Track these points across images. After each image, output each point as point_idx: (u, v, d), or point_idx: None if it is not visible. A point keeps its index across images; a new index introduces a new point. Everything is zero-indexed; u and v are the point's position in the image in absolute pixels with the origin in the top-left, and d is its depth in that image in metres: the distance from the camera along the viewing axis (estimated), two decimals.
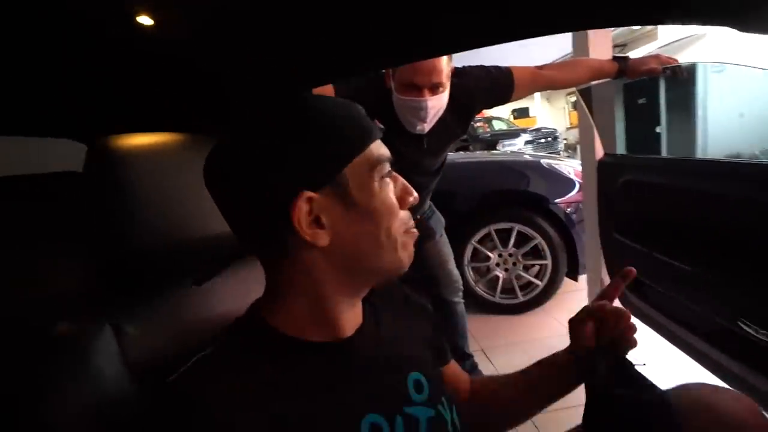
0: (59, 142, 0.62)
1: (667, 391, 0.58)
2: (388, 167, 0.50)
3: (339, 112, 0.49)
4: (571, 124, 14.18)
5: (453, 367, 0.70)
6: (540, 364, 0.67)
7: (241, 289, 0.55)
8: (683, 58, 1.51)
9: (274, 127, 0.47)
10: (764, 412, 0.54)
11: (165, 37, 0.45)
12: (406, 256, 0.51)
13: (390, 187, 0.50)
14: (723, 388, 0.59)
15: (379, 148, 0.50)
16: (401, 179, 0.53)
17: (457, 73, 1.27)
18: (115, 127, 0.55)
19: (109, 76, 0.51)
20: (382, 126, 0.52)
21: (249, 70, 0.57)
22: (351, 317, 0.52)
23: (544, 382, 0.66)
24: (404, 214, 0.51)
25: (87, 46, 0.45)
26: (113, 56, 0.47)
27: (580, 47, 1.67)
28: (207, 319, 0.54)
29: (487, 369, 1.83)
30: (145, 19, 0.40)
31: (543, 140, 10.14)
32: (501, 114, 13.01)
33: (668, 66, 1.27)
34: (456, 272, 1.62)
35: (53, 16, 0.39)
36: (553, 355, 0.66)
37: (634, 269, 0.63)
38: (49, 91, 0.53)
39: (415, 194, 0.53)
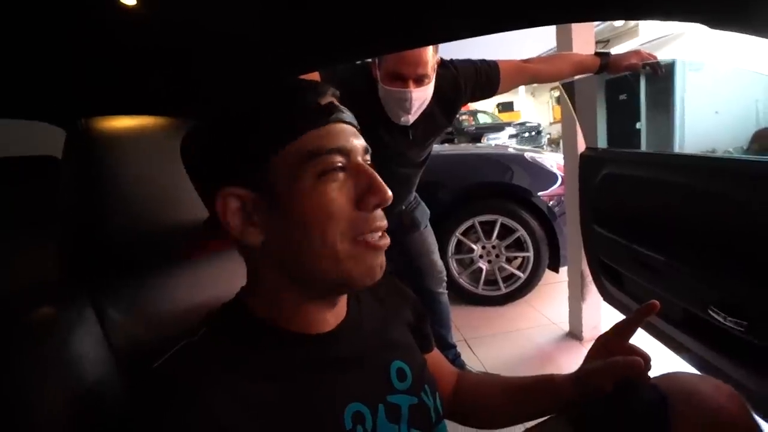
0: (40, 126, 0.61)
1: (654, 378, 0.58)
2: (335, 161, 0.43)
3: (276, 97, 0.44)
4: (554, 118, 14.35)
5: (437, 357, 0.70)
6: (539, 382, 0.65)
7: (226, 274, 0.55)
8: (663, 55, 1.55)
9: (218, 115, 0.46)
10: (744, 401, 0.55)
11: (146, 19, 0.44)
12: (357, 270, 0.45)
13: (333, 186, 0.43)
14: (705, 376, 0.60)
15: (322, 138, 0.43)
16: (369, 175, 0.45)
17: (444, 65, 1.27)
18: (95, 110, 0.54)
19: (88, 58, 0.50)
20: (351, 111, 0.48)
21: (233, 55, 0.56)
22: (330, 314, 0.50)
23: (538, 401, 0.64)
24: (358, 218, 0.44)
25: (66, 28, 0.44)
26: (93, 38, 0.46)
27: (564, 42, 1.70)
28: (191, 305, 0.54)
29: (469, 359, 1.86)
30: (132, 2, 0.39)
31: (527, 134, 10.26)
32: (486, 107, 13.10)
33: (648, 62, 1.30)
34: (440, 263, 1.64)
35: None
36: (552, 378, 0.63)
37: (657, 303, 0.60)
38: (26, 73, 0.52)
39: (386, 194, 0.45)
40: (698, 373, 0.79)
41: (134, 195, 0.52)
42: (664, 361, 1.25)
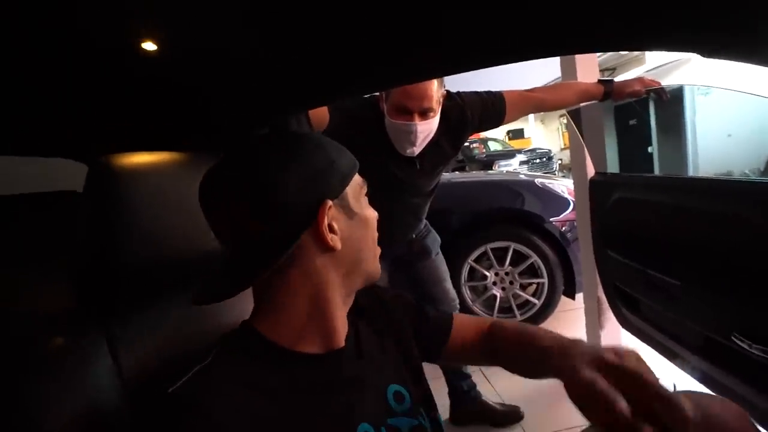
0: (61, 162, 0.64)
1: None
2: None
3: (333, 141, 0.56)
4: (565, 144, 14.38)
5: (458, 321, 0.70)
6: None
7: (232, 303, 0.56)
8: (670, 81, 1.57)
9: (298, 146, 0.51)
10: (753, 420, 0.55)
11: (164, 60, 0.47)
12: (378, 265, 0.58)
13: (368, 204, 0.57)
14: (714, 395, 0.61)
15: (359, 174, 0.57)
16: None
17: (451, 97, 1.31)
18: (115, 146, 0.57)
19: (109, 96, 0.53)
20: (358, 143, 0.62)
21: (245, 93, 0.60)
22: (343, 326, 0.54)
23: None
24: None
25: (88, 68, 0.47)
26: (113, 78, 0.50)
27: (568, 71, 1.73)
28: (201, 333, 0.55)
29: (486, 391, 1.80)
30: (148, 45, 0.43)
31: (538, 160, 10.27)
32: (496, 135, 13.21)
33: (651, 88, 1.32)
34: (452, 291, 1.62)
35: (55, 38, 0.41)
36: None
37: None
38: (50, 111, 0.55)
39: (375, 212, 0.59)
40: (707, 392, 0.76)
41: (149, 227, 0.55)
42: (670, 378, 1.20)
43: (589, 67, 1.66)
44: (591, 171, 1.70)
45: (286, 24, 0.43)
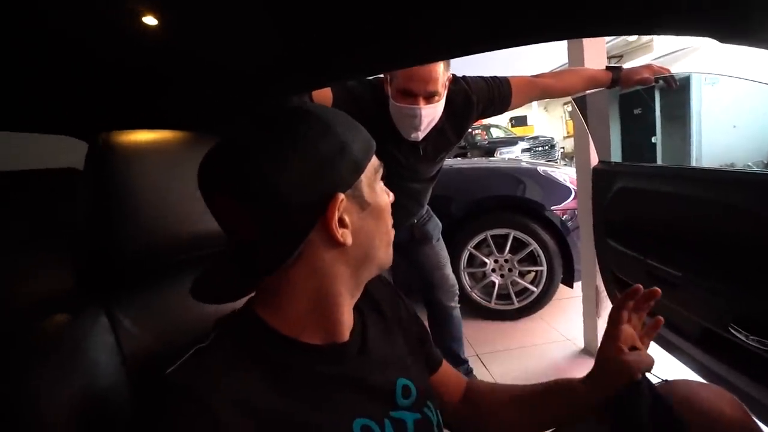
0: (63, 140, 0.63)
1: (667, 397, 0.58)
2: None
3: (347, 118, 0.50)
4: (568, 132, 14.27)
5: (444, 368, 0.70)
6: (551, 386, 0.64)
7: None
8: (677, 69, 1.54)
9: (301, 131, 0.44)
10: (747, 409, 0.56)
11: (168, 36, 0.46)
12: (391, 251, 0.54)
13: (383, 187, 0.52)
14: (707, 384, 0.62)
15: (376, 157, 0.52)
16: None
17: (456, 82, 1.28)
18: (116, 123, 0.56)
19: (111, 73, 0.52)
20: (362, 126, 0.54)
21: (246, 71, 0.58)
22: (349, 319, 0.52)
23: (552, 405, 0.63)
24: None
25: (90, 44, 0.46)
26: (116, 54, 0.48)
27: (575, 57, 1.70)
28: (202, 314, 0.55)
29: (482, 374, 1.83)
30: (149, 19, 0.41)
31: (540, 148, 10.22)
32: (499, 122, 13.11)
33: (660, 76, 1.30)
34: (452, 277, 1.63)
35: (57, 13, 0.40)
36: (568, 381, 0.63)
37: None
38: (51, 87, 0.54)
39: (391, 194, 0.54)
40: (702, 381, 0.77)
41: (149, 206, 0.54)
42: (666, 368, 1.22)
43: (596, 53, 1.63)
44: (594, 159, 1.69)
45: None
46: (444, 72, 1.16)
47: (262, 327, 0.47)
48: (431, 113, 1.19)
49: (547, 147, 10.38)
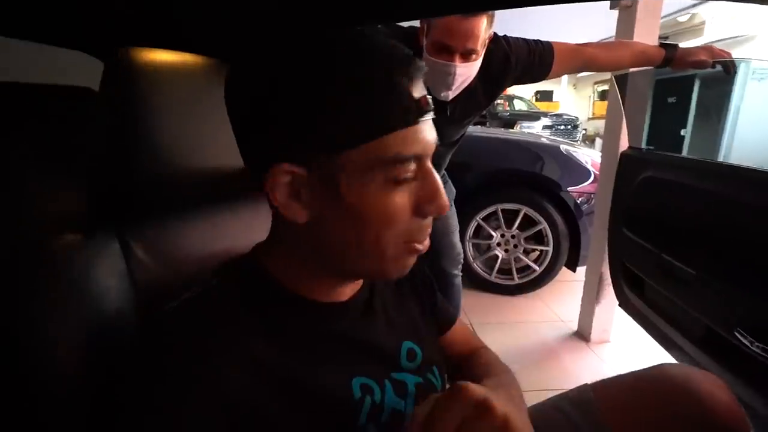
0: (81, 57, 0.59)
1: (646, 369, 0.65)
2: (411, 169, 0.40)
3: (362, 74, 0.38)
4: (594, 114, 13.79)
5: (459, 331, 0.69)
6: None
7: (248, 226, 0.54)
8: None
9: (276, 74, 0.38)
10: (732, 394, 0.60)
11: None
12: (394, 268, 0.44)
13: (401, 193, 0.41)
14: (693, 367, 0.66)
15: (405, 141, 0.39)
16: (435, 184, 0.42)
17: (495, 41, 1.20)
18: (134, 40, 0.52)
19: None
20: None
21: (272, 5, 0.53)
22: (346, 287, 0.50)
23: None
24: (413, 225, 0.42)
25: None
26: None
27: (625, 30, 1.59)
28: (212, 251, 0.54)
29: None
30: None
31: (562, 127, 9.90)
32: (524, 94, 12.64)
33: (720, 60, 1.19)
34: (459, 245, 1.61)
35: None
36: None
37: None
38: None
39: (446, 206, 0.42)
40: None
41: (168, 132, 0.51)
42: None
43: (648, 28, 1.51)
44: (623, 144, 1.62)
45: None
46: (486, 29, 1.07)
47: (265, 277, 0.46)
48: (466, 72, 1.11)
49: (569, 126, 10.04)
